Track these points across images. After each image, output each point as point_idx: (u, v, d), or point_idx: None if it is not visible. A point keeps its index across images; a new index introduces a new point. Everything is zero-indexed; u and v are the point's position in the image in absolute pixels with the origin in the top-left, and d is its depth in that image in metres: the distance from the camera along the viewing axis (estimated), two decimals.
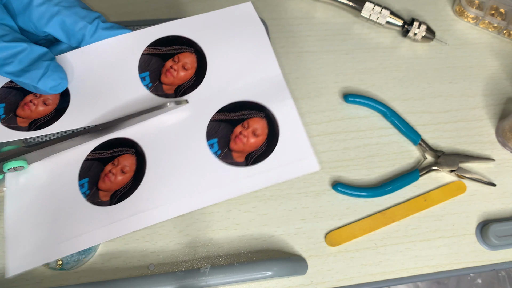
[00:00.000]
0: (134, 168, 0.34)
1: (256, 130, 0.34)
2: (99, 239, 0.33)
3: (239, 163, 0.33)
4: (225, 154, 0.34)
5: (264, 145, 0.34)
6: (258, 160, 0.33)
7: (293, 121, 0.34)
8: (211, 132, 0.35)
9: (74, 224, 0.33)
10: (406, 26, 0.51)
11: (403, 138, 0.47)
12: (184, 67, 0.37)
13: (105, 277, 0.39)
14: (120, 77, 0.37)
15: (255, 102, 0.35)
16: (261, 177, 0.33)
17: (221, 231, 0.41)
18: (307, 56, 0.50)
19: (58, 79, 0.34)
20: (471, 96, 0.50)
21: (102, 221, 0.33)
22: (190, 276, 0.37)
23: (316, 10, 0.53)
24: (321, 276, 0.41)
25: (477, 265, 0.42)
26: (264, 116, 0.34)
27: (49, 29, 0.36)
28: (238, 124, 0.35)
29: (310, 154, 0.33)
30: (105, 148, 0.35)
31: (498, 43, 0.54)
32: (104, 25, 0.36)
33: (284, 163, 0.33)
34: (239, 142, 0.34)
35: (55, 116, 0.36)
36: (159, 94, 0.37)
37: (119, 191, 0.34)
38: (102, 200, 0.33)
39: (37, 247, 0.33)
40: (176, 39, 0.38)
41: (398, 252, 0.42)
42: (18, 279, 0.39)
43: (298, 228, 0.42)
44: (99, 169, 0.34)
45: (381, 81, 0.50)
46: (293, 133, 0.34)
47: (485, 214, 0.44)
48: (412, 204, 0.44)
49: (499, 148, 0.48)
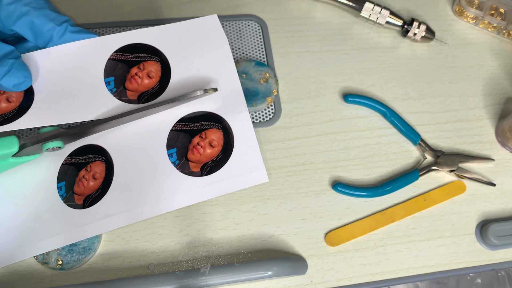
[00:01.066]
0: (104, 175, 0.36)
1: (212, 141, 0.36)
2: (72, 238, 0.35)
3: (195, 173, 0.35)
4: (183, 164, 0.35)
5: (219, 156, 0.36)
6: (213, 171, 0.35)
7: (248, 133, 0.36)
8: (171, 141, 0.36)
9: (53, 224, 0.36)
10: (405, 26, 0.51)
11: (402, 138, 0.47)
12: (149, 75, 0.38)
13: (105, 277, 0.39)
14: (85, 80, 0.38)
15: (214, 113, 0.37)
16: (214, 187, 0.35)
17: (221, 231, 0.41)
18: (307, 56, 0.50)
19: (22, 77, 0.35)
20: (470, 96, 0.50)
21: (76, 223, 0.35)
22: (190, 276, 0.37)
23: (316, 10, 0.53)
24: (321, 276, 0.41)
25: (477, 264, 0.42)
26: (221, 128, 0.36)
27: (17, 28, 0.36)
28: (196, 134, 0.36)
29: (261, 166, 0.35)
30: (79, 153, 0.38)
31: (497, 43, 0.54)
32: (73, 29, 0.37)
33: (237, 174, 0.35)
34: (196, 153, 0.36)
35: (18, 113, 0.37)
36: (123, 99, 0.38)
37: (91, 195, 0.36)
38: (76, 203, 0.36)
39: (17, 245, 0.36)
40: (143, 47, 0.39)
41: (398, 252, 0.42)
42: (18, 279, 0.39)
43: (298, 228, 0.42)
44: (75, 173, 0.37)
45: (380, 81, 0.50)
46: (246, 145, 0.35)
47: (485, 214, 0.44)
48: (411, 204, 0.44)
49: (498, 148, 0.48)
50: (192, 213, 0.42)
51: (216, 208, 0.42)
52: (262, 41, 0.50)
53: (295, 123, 0.47)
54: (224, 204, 0.43)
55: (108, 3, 0.52)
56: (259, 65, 0.47)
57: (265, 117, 0.47)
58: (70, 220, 0.36)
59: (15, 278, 0.39)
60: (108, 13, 0.51)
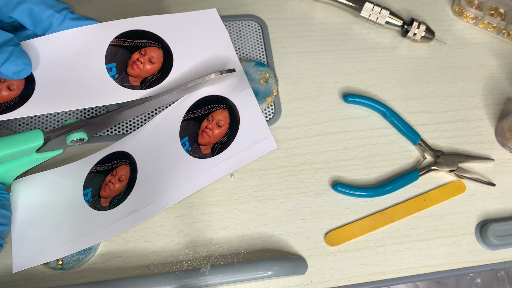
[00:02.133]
0: (128, 176, 0.38)
1: (219, 122, 0.37)
2: (99, 238, 0.37)
3: (206, 155, 0.37)
4: (195, 149, 0.37)
5: (227, 134, 0.37)
6: (222, 149, 0.36)
7: (252, 107, 0.37)
8: (183, 131, 0.38)
9: (78, 227, 0.37)
10: (405, 26, 0.51)
11: (402, 138, 0.47)
12: (151, 60, 0.38)
13: (105, 277, 0.39)
14: (86, 66, 0.37)
15: (217, 95, 0.38)
16: (225, 164, 0.36)
17: (221, 230, 0.41)
18: (307, 56, 0.50)
19: (22, 65, 0.35)
20: (470, 96, 0.50)
21: (103, 223, 0.37)
22: (190, 275, 0.37)
23: (315, 10, 0.53)
24: (321, 276, 0.41)
25: (477, 264, 0.42)
26: (226, 107, 0.37)
27: (16, 15, 0.36)
28: (203, 119, 0.37)
29: (268, 134, 0.36)
30: (105, 161, 0.39)
31: (497, 43, 0.54)
32: (73, 16, 0.37)
33: (246, 147, 0.36)
34: (206, 136, 0.37)
35: (19, 102, 0.36)
36: (125, 85, 0.37)
37: (117, 197, 0.38)
38: (103, 206, 0.38)
39: (42, 247, 0.37)
40: (144, 34, 0.39)
41: (398, 252, 0.42)
42: (18, 279, 0.39)
43: (298, 227, 0.42)
44: (101, 179, 0.39)
45: (380, 81, 0.50)
46: (252, 118, 0.36)
47: (485, 214, 0.44)
48: (411, 204, 0.44)
49: (498, 148, 0.48)
50: (192, 213, 0.42)
51: (216, 208, 0.42)
52: (262, 41, 0.50)
53: (295, 123, 0.47)
54: (224, 204, 0.43)
55: (108, 3, 0.52)
56: (259, 65, 0.47)
57: (265, 117, 0.47)
58: (97, 221, 0.37)
59: (15, 278, 0.39)
60: (108, 13, 0.51)
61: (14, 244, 0.37)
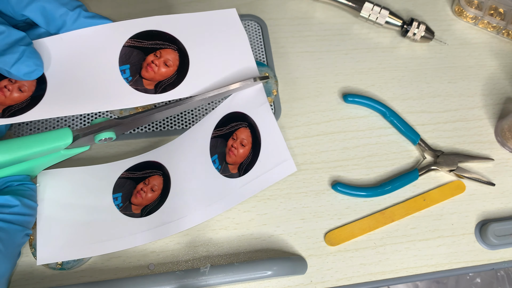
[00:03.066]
0: (162, 187, 0.38)
1: (242, 141, 0.36)
2: (128, 245, 0.37)
3: (234, 174, 0.36)
4: (224, 168, 0.37)
5: (250, 154, 0.36)
6: (248, 169, 0.36)
7: (271, 126, 0.36)
8: (212, 149, 0.38)
9: (106, 230, 0.37)
10: (405, 26, 0.51)
11: (402, 138, 0.47)
12: (166, 63, 0.37)
13: (105, 277, 0.39)
14: (99, 67, 0.36)
15: (239, 112, 0.37)
16: (251, 185, 0.35)
17: (220, 230, 0.41)
18: (307, 56, 0.50)
19: (33, 66, 0.33)
20: (470, 95, 0.50)
21: (132, 230, 0.37)
22: (190, 275, 0.37)
23: (315, 10, 0.53)
24: (321, 276, 0.41)
25: (476, 264, 0.42)
26: (247, 125, 0.36)
27: (28, 13, 0.34)
28: (229, 137, 0.37)
29: (288, 156, 0.34)
30: (137, 169, 0.40)
31: (497, 43, 0.54)
32: (87, 14, 0.35)
33: (268, 169, 0.35)
34: (232, 155, 0.37)
35: (31, 104, 0.35)
36: (139, 89, 0.36)
37: (149, 206, 0.38)
38: (133, 213, 0.38)
39: (68, 243, 0.37)
40: (159, 35, 0.37)
41: (398, 252, 0.42)
42: (18, 279, 0.38)
43: (298, 227, 0.42)
44: (132, 186, 0.39)
45: (380, 81, 0.50)
46: (272, 138, 0.35)
47: (484, 214, 0.44)
48: (411, 203, 0.44)
49: (498, 147, 0.48)
50: None
51: None
52: (262, 41, 0.50)
53: (294, 123, 0.47)
54: None
55: (107, 3, 0.52)
56: (259, 65, 0.47)
57: None
58: (127, 227, 0.37)
59: (15, 278, 0.39)
60: (108, 14, 0.51)
61: (39, 236, 0.36)
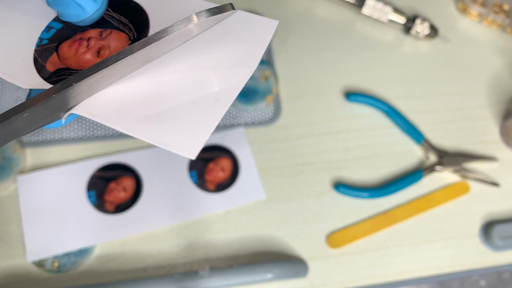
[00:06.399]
0: (134, 189, 0.42)
1: (223, 168, 0.44)
2: (104, 238, 0.40)
3: (211, 190, 0.43)
4: (201, 183, 0.43)
5: (229, 178, 0.43)
6: (224, 189, 0.43)
7: (249, 163, 0.44)
8: (191, 165, 0.43)
9: (84, 225, 0.41)
10: (408, 24, 0.50)
11: (405, 138, 0.46)
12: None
13: (102, 280, 0.39)
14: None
15: (224, 147, 0.44)
16: (225, 201, 0.42)
17: (220, 232, 0.41)
18: (308, 54, 0.50)
19: None
20: (474, 95, 0.50)
21: (107, 225, 0.41)
22: (189, 278, 0.37)
23: (317, 8, 0.53)
24: (323, 279, 0.40)
25: (481, 266, 0.42)
26: (231, 157, 0.44)
27: None
28: (210, 161, 0.44)
29: (259, 187, 0.43)
30: (109, 169, 0.43)
31: (501, 41, 0.53)
32: None
33: (242, 192, 0.43)
34: (213, 175, 0.43)
35: None
36: None
37: (122, 204, 0.42)
38: (107, 209, 0.41)
39: (54, 239, 0.40)
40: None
41: (401, 254, 0.42)
42: (13, 282, 0.38)
43: (299, 229, 0.42)
44: (104, 185, 0.42)
45: (383, 80, 0.49)
46: (249, 172, 0.44)
47: (489, 215, 0.44)
48: (414, 204, 0.43)
49: (503, 147, 0.47)
50: None
51: None
52: None
53: (296, 122, 0.46)
54: None
55: None
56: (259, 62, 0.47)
57: (265, 116, 0.46)
58: (102, 223, 0.41)
59: (11, 280, 0.38)
60: None
61: (27, 235, 0.40)
